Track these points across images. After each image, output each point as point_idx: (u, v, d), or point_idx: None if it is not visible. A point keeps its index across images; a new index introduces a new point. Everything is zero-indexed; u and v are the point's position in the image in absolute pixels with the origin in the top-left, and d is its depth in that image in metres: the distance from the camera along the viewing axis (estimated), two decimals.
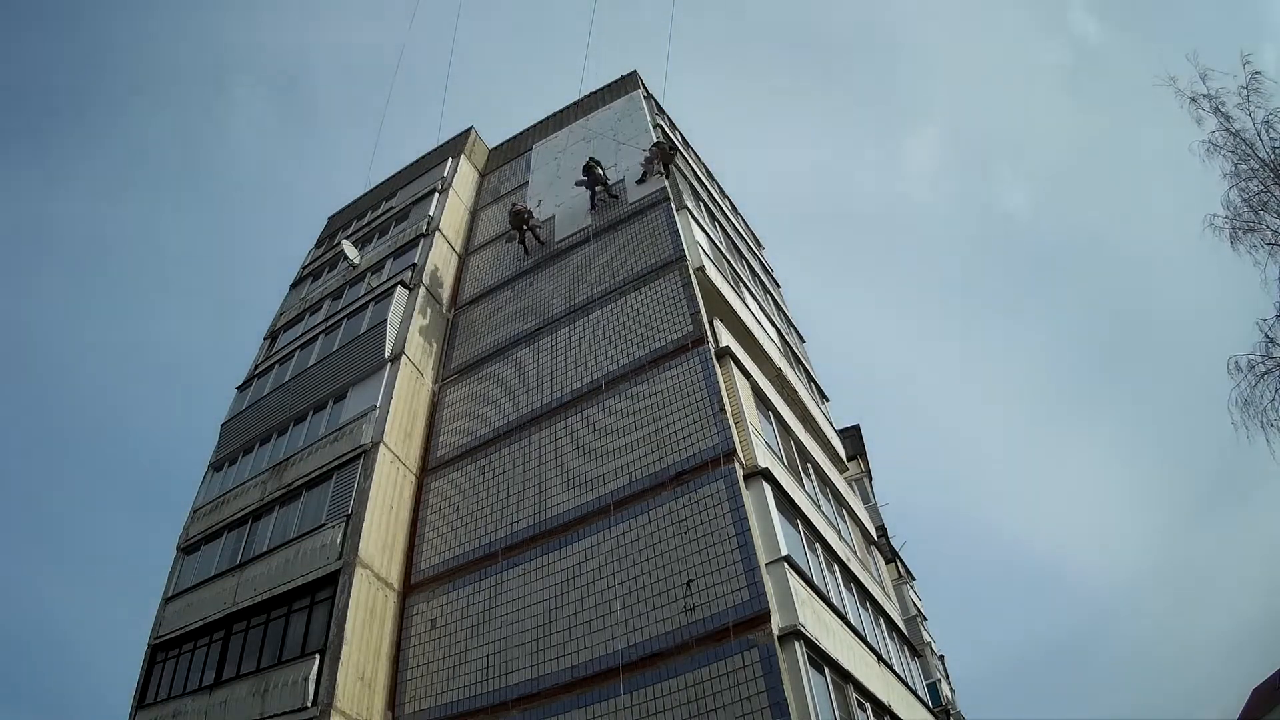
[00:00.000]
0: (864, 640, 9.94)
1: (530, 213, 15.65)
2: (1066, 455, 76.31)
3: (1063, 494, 75.59)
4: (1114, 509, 71.98)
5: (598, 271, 13.80)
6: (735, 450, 9.67)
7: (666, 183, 14.60)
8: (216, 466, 14.92)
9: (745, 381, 11.39)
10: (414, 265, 16.32)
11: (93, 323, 62.46)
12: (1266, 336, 8.18)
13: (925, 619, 22.25)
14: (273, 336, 18.16)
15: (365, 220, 20.85)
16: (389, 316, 14.58)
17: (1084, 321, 78.20)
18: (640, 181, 15.09)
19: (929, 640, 20.73)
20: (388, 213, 20.09)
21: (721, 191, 20.76)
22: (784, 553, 8.78)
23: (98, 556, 56.37)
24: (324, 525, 11.46)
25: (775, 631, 7.91)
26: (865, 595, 11.24)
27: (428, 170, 20.91)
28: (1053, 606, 68.67)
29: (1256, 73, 8.66)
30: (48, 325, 59.61)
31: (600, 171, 15.19)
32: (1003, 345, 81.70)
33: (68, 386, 59.07)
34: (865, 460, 21.57)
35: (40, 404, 56.27)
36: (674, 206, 13.98)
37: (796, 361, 16.19)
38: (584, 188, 15.43)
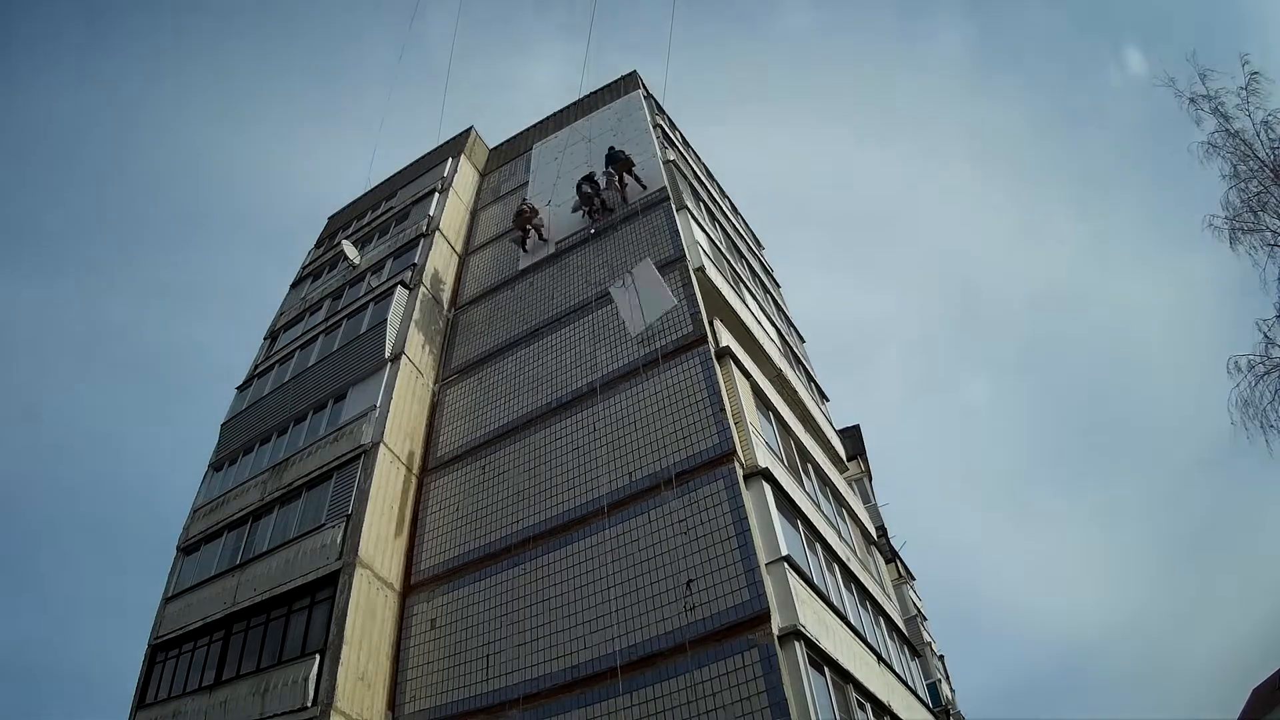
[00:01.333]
0: (864, 640, 9.94)
1: (534, 211, 15.66)
2: (1043, 523, 76.89)
3: (1045, 557, 75.57)
4: (1094, 566, 72.39)
5: (597, 271, 13.80)
6: (735, 450, 9.67)
7: (621, 195, 14.73)
8: (216, 466, 14.92)
9: (745, 381, 11.39)
10: (414, 265, 16.33)
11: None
12: (1266, 337, 8.17)
13: (925, 619, 22.26)
14: (273, 336, 18.17)
15: (365, 220, 20.86)
16: (389, 316, 14.58)
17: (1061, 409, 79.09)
18: (608, 195, 15.03)
19: (929, 640, 20.75)
20: (388, 213, 20.10)
21: (721, 191, 20.76)
22: (784, 553, 8.78)
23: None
24: (324, 525, 11.46)
25: (775, 631, 7.91)
26: (865, 595, 11.24)
27: (428, 170, 20.91)
28: (1029, 650, 68.44)
29: (1255, 73, 8.66)
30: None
31: (588, 189, 15.04)
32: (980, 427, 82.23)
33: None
34: (865, 460, 21.58)
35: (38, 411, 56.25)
36: (674, 206, 13.98)
37: (796, 361, 16.19)
38: (579, 208, 15.26)
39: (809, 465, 12.44)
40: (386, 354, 13.91)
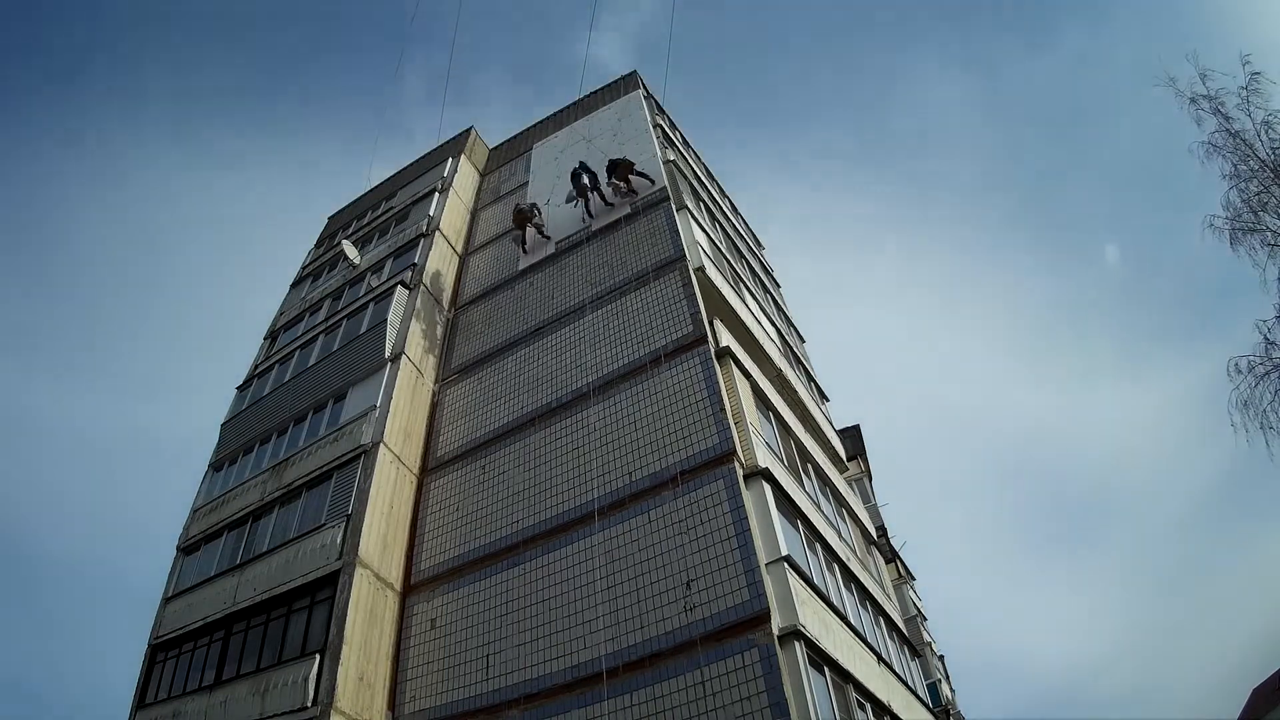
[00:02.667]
0: (864, 640, 9.94)
1: (535, 209, 15.66)
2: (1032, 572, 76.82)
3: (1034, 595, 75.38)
4: (1084, 598, 72.26)
5: (597, 271, 13.80)
6: (735, 450, 9.67)
7: (623, 197, 14.71)
8: (216, 466, 14.92)
9: (745, 381, 11.39)
10: (414, 265, 16.33)
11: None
12: (1265, 338, 8.16)
13: (925, 619, 22.27)
14: (273, 336, 18.17)
15: (365, 220, 20.87)
16: (389, 316, 14.59)
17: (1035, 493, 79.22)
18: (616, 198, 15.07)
19: (929, 640, 20.75)
20: (388, 213, 20.11)
21: (721, 191, 20.75)
22: (784, 553, 8.78)
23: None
24: (324, 525, 11.46)
25: (775, 631, 7.91)
26: (865, 595, 11.24)
27: (428, 170, 20.92)
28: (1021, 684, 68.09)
29: (1256, 73, 8.65)
30: None
31: (586, 181, 15.05)
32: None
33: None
34: (865, 460, 21.59)
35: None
36: (674, 206, 13.98)
37: (796, 361, 16.18)
38: (574, 198, 15.27)
39: (809, 465, 12.44)
40: (386, 354, 13.91)
